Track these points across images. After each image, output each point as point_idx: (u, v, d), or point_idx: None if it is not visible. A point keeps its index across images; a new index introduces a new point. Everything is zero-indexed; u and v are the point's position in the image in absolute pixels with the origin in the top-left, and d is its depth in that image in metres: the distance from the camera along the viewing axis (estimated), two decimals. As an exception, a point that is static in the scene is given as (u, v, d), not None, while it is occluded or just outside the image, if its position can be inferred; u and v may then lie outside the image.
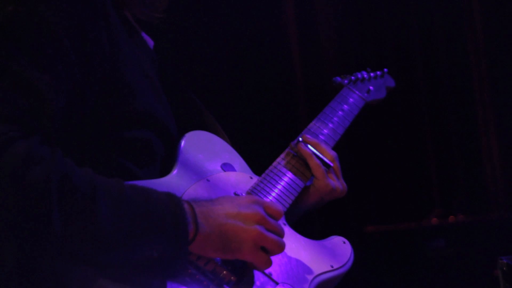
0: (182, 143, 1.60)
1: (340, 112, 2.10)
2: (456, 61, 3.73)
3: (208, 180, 1.58)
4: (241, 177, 1.67)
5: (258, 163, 1.81)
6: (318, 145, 1.83)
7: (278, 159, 1.80)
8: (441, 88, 3.73)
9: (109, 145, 1.43)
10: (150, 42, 1.68)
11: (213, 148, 1.67)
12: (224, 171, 1.64)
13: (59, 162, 1.25)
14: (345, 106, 2.14)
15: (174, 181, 1.51)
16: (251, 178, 1.70)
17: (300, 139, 1.83)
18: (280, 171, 1.76)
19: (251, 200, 1.48)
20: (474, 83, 3.72)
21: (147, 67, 1.56)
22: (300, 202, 1.81)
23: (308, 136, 1.85)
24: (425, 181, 3.63)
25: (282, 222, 1.65)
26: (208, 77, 3.03)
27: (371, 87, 2.30)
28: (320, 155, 1.81)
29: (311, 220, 1.89)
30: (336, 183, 1.82)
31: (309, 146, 1.82)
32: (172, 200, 1.36)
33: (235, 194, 1.61)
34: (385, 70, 2.43)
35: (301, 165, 1.81)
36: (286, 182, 1.74)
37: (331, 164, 1.82)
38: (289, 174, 1.76)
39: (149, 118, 1.49)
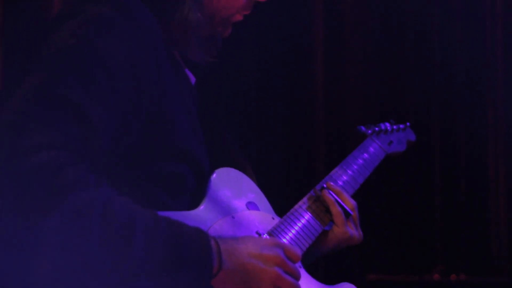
0: (213, 178, 1.65)
1: (360, 161, 2.15)
2: (472, 126, 3.78)
3: (233, 217, 1.63)
4: (264, 217, 1.73)
5: (277, 204, 1.85)
6: (340, 193, 1.90)
7: (300, 202, 1.87)
8: (455, 146, 3.77)
9: (146, 175, 1.50)
10: (192, 79, 1.74)
11: (241, 186, 1.72)
12: (249, 209, 1.70)
13: (104, 190, 1.32)
14: (366, 155, 2.19)
15: (202, 215, 1.57)
16: (273, 218, 1.76)
17: (325, 185, 1.89)
18: (301, 214, 1.82)
19: (273, 242, 1.54)
20: (488, 147, 3.76)
21: (189, 103, 1.63)
22: (317, 246, 1.87)
23: (332, 183, 1.92)
24: (430, 237, 3.65)
25: (298, 264, 1.70)
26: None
27: (393, 139, 2.35)
28: (342, 203, 1.88)
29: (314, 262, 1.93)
30: (354, 232, 1.90)
31: (332, 193, 1.87)
32: (200, 236, 1.41)
33: (257, 233, 1.66)
34: (408, 124, 2.48)
35: (321, 210, 1.87)
36: (305, 225, 1.80)
37: (352, 213, 1.89)
38: (309, 218, 1.82)
39: (186, 154, 1.55)
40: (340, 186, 1.97)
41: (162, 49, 1.54)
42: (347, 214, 1.88)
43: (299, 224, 1.79)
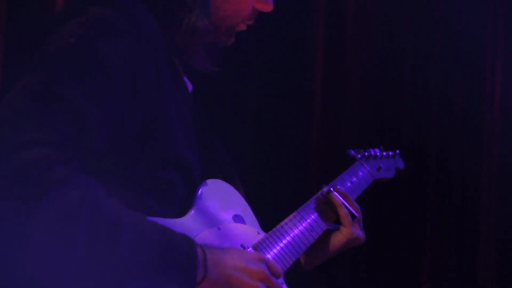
0: (201, 188, 1.66)
1: (348, 184, 2.18)
2: (468, 158, 3.81)
3: (219, 229, 1.64)
4: (249, 231, 1.74)
5: (264, 220, 1.87)
6: (346, 196, 1.99)
7: (295, 212, 1.91)
8: (449, 177, 3.80)
9: (136, 179, 1.50)
10: (189, 87, 1.75)
11: (229, 198, 1.73)
12: (235, 222, 1.71)
13: (92, 191, 1.32)
14: (355, 178, 2.22)
15: (188, 223, 1.57)
16: (259, 233, 1.77)
17: (332, 188, 1.98)
18: (291, 228, 1.85)
19: (258, 257, 1.56)
20: (482, 173, 3.80)
21: (185, 111, 1.63)
22: (327, 247, 2.00)
23: (339, 186, 2.00)
24: (419, 256, 3.69)
25: (280, 281, 1.71)
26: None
27: (382, 165, 2.38)
28: (348, 206, 1.98)
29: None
30: (360, 232, 2.00)
31: (339, 195, 1.97)
32: (187, 243, 1.42)
33: (242, 246, 1.67)
34: (397, 151, 2.51)
35: (327, 212, 1.96)
36: (290, 242, 1.82)
37: (357, 215, 1.99)
38: (299, 232, 1.86)
39: (178, 161, 1.56)
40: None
41: (163, 55, 1.54)
42: (353, 216, 1.98)
43: (284, 241, 1.80)
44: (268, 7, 1.74)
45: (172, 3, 1.61)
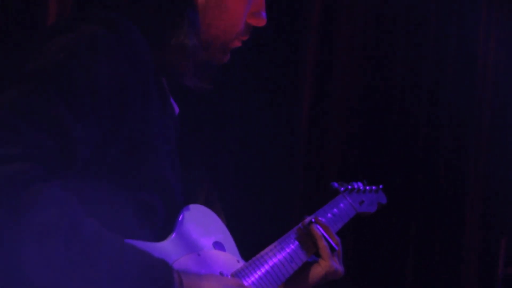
0: (183, 213, 1.64)
1: (330, 215, 2.17)
2: (451, 192, 3.83)
3: (198, 255, 1.62)
4: (229, 258, 1.72)
5: (245, 247, 1.85)
6: (327, 228, 1.96)
7: (276, 243, 1.89)
8: (433, 208, 3.82)
9: (117, 200, 1.48)
10: (176, 109, 1.73)
11: (210, 225, 1.72)
12: (215, 249, 1.69)
13: (72, 208, 1.30)
14: (336, 210, 2.22)
15: (168, 248, 1.55)
16: (238, 261, 1.75)
17: (313, 219, 1.95)
18: (271, 258, 1.83)
19: (235, 283, 1.55)
20: (466, 191, 3.82)
21: (170, 133, 1.61)
22: (304, 280, 1.96)
23: (320, 218, 1.98)
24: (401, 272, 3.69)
25: None
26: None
27: (365, 199, 2.38)
28: (328, 238, 1.95)
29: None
30: (338, 266, 1.97)
31: (320, 227, 1.95)
32: (164, 268, 1.40)
33: (221, 273, 1.65)
34: (381, 186, 2.51)
35: (306, 244, 1.94)
36: (269, 272, 1.80)
37: (337, 248, 1.96)
38: (278, 261, 1.84)
39: (161, 185, 1.54)
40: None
41: (151, 74, 1.52)
42: (332, 249, 1.95)
43: (263, 271, 1.78)
44: (261, 22, 1.71)
45: (161, 21, 1.59)
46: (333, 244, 1.96)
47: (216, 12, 1.64)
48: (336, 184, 2.32)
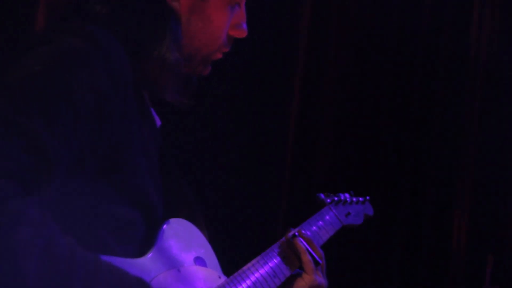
0: (164, 228, 1.61)
1: (315, 228, 2.14)
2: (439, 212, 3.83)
3: (179, 271, 1.58)
4: (210, 274, 1.68)
5: (227, 262, 1.82)
6: (311, 242, 1.93)
7: (258, 257, 1.86)
8: (419, 224, 3.80)
9: (96, 216, 1.45)
10: (158, 122, 1.70)
11: (191, 239, 1.68)
12: (196, 265, 1.65)
13: (48, 227, 1.26)
14: (321, 223, 2.19)
15: (147, 264, 1.52)
16: (220, 277, 1.71)
17: (297, 233, 1.92)
18: (252, 273, 1.80)
19: None
20: (454, 198, 3.81)
21: (150, 147, 1.58)
22: None
23: (303, 231, 1.94)
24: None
25: None
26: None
27: (351, 211, 2.35)
28: (312, 252, 1.91)
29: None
30: (322, 280, 1.93)
31: (304, 241, 1.91)
32: (141, 285, 1.37)
33: None
34: (367, 198, 2.48)
35: (290, 257, 1.91)
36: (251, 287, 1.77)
37: (320, 262, 1.93)
38: (260, 276, 1.81)
39: (140, 199, 1.51)
40: None
41: (131, 88, 1.50)
42: (316, 262, 1.92)
43: (245, 286, 1.75)
44: (242, 33, 1.70)
45: (143, 35, 1.56)
46: (317, 258, 1.93)
47: (200, 24, 1.62)
48: (322, 196, 2.29)
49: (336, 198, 2.29)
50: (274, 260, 1.87)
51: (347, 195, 2.37)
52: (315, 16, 3.53)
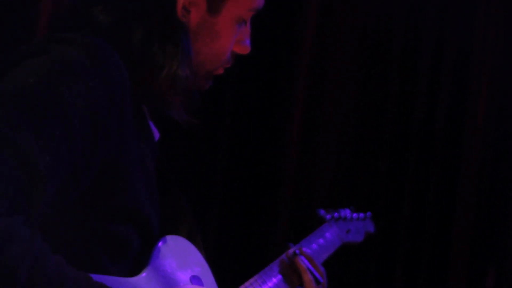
0: (159, 245, 1.56)
1: (315, 246, 2.11)
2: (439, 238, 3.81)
3: None
4: None
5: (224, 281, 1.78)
6: (312, 260, 1.92)
7: (256, 276, 1.84)
8: (420, 237, 3.78)
9: (88, 234, 1.40)
10: (156, 134, 1.66)
11: (187, 257, 1.63)
12: (192, 284, 1.61)
13: (36, 247, 1.21)
14: (322, 240, 2.16)
15: (141, 283, 1.47)
16: None
17: (297, 251, 1.90)
18: None
19: None
20: (453, 245, 3.79)
21: (148, 162, 1.53)
22: None
23: (304, 249, 1.93)
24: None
25: None
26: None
27: (351, 228, 2.32)
28: (313, 270, 1.90)
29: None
30: None
31: (305, 259, 1.90)
32: None
33: None
34: (368, 214, 2.45)
35: (291, 276, 1.91)
36: None
37: (322, 281, 1.91)
38: None
39: (136, 216, 1.46)
40: None
41: (129, 101, 1.44)
42: (317, 281, 1.90)
43: None
44: (245, 50, 1.66)
45: (152, 50, 1.50)
46: (318, 277, 1.91)
47: (207, 39, 1.58)
48: (322, 211, 2.26)
49: (336, 215, 2.26)
50: (274, 279, 1.84)
51: (347, 211, 2.34)
52: (318, 31, 3.50)
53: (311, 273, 1.89)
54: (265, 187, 3.31)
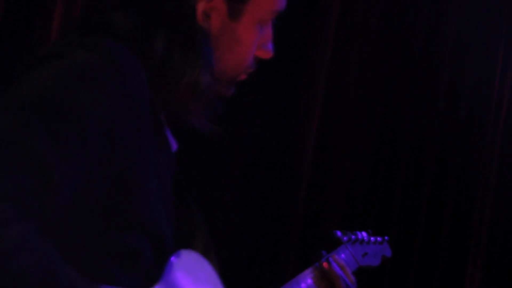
0: (172, 260, 1.51)
1: None
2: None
3: None
4: None
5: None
6: (344, 267, 1.94)
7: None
8: (434, 259, 3.74)
9: (102, 245, 1.36)
10: (174, 145, 1.61)
11: (200, 273, 1.59)
12: None
13: (48, 255, 1.17)
14: None
15: None
16: None
17: (330, 258, 1.93)
18: None
19: None
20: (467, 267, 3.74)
21: (164, 172, 1.49)
22: None
23: (337, 257, 1.95)
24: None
25: None
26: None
27: (368, 251, 2.28)
28: (346, 278, 1.93)
29: None
30: None
31: (338, 267, 1.93)
32: None
33: None
34: (386, 238, 2.40)
35: (322, 284, 1.93)
36: None
37: None
38: None
39: (150, 228, 1.41)
40: None
41: (148, 110, 1.40)
42: None
43: None
44: (268, 54, 1.61)
45: (173, 56, 1.46)
46: (350, 285, 1.94)
47: (229, 45, 1.54)
48: (339, 233, 2.22)
49: (353, 237, 2.22)
50: (303, 284, 1.88)
51: (364, 234, 2.30)
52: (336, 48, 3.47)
53: (343, 280, 1.91)
54: (279, 205, 3.27)
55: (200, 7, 1.48)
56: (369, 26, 3.51)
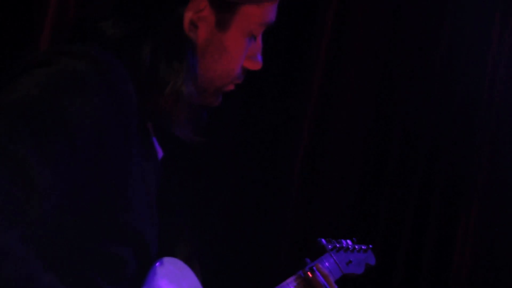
0: (155, 267, 1.52)
1: None
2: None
3: None
4: None
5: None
6: (327, 277, 1.95)
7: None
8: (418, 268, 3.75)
9: (85, 253, 1.36)
10: (160, 153, 1.63)
11: (183, 281, 1.60)
12: None
13: (29, 264, 1.18)
14: None
15: None
16: None
17: (314, 267, 1.94)
18: None
19: None
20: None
21: (149, 180, 1.50)
22: None
23: (321, 265, 1.95)
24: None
25: None
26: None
27: (352, 259, 2.30)
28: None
29: None
30: None
31: (321, 276, 1.94)
32: None
33: None
34: (370, 246, 2.42)
35: None
36: None
37: None
38: None
39: (134, 237, 1.42)
40: None
41: (134, 118, 1.41)
42: None
43: None
44: (257, 66, 1.62)
45: (158, 65, 1.47)
46: None
47: (216, 55, 1.54)
48: (323, 241, 2.24)
49: (338, 245, 2.24)
50: None
51: (349, 242, 2.32)
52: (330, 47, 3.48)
53: None
54: (266, 214, 3.29)
55: (188, 16, 1.49)
56: (363, 27, 3.53)
